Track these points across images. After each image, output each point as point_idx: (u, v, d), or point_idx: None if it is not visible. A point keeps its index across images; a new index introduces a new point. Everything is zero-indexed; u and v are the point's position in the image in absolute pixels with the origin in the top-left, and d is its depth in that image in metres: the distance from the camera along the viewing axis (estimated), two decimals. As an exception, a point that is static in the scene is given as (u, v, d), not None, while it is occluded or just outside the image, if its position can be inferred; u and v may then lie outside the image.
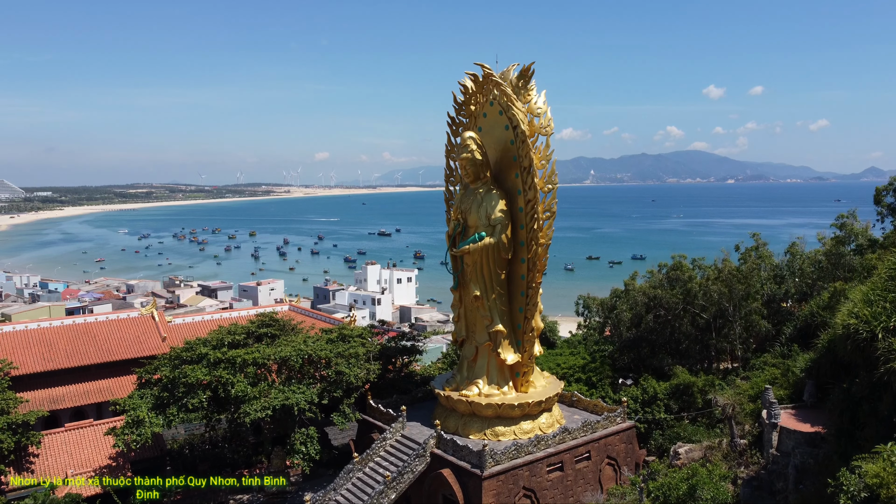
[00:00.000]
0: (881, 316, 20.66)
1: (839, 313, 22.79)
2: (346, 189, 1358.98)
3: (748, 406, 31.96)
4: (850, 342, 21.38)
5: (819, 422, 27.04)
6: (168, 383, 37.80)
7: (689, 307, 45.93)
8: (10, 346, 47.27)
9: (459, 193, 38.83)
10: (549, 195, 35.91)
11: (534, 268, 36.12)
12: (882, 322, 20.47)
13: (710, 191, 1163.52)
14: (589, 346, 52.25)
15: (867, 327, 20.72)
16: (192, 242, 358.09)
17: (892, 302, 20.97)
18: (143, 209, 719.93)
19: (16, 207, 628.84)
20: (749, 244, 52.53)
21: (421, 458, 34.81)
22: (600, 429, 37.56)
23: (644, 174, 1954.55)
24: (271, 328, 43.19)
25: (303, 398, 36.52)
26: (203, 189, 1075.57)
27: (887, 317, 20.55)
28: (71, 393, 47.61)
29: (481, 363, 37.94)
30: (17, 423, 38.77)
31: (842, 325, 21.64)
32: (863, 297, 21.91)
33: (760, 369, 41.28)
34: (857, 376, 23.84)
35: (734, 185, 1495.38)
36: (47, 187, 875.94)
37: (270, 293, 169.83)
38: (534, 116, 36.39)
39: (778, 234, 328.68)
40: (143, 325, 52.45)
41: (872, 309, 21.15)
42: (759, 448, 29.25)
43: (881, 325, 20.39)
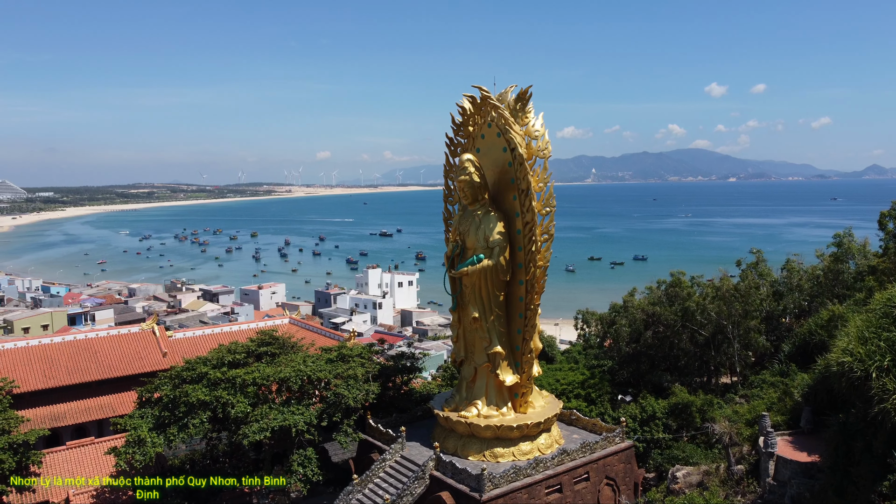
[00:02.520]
0: (875, 355, 20.78)
1: (834, 349, 22.88)
2: (347, 188, 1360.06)
3: (745, 431, 32.08)
4: (845, 379, 21.49)
5: (816, 450, 27.19)
6: (168, 403, 38.00)
7: (688, 324, 46.05)
8: (11, 363, 47.47)
9: (458, 214, 38.95)
10: (547, 218, 35.99)
11: (532, 290, 36.22)
12: (876, 361, 20.59)
13: (712, 189, 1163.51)
14: (588, 361, 52.38)
15: (861, 366, 20.84)
16: (194, 244, 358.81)
17: (887, 341, 21.06)
18: (145, 209, 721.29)
19: (18, 208, 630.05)
20: (752, 245, 52.59)
21: (420, 480, 34.96)
22: (599, 449, 37.65)
23: (646, 172, 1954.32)
24: (271, 347, 43.31)
25: (301, 420, 36.66)
26: (204, 189, 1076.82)
27: (881, 356, 20.66)
28: (72, 410, 47.83)
29: (480, 384, 38.06)
30: (18, 443, 38.95)
31: (836, 363, 21.72)
32: (858, 334, 21.98)
33: (759, 387, 41.45)
34: (853, 407, 23.98)
35: (736, 184, 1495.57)
36: (49, 187, 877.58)
37: (272, 297, 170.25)
38: (532, 139, 36.46)
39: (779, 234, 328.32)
40: (144, 341, 52.65)
41: (867, 347, 21.27)
42: (756, 476, 29.40)
43: (875, 365, 20.52)
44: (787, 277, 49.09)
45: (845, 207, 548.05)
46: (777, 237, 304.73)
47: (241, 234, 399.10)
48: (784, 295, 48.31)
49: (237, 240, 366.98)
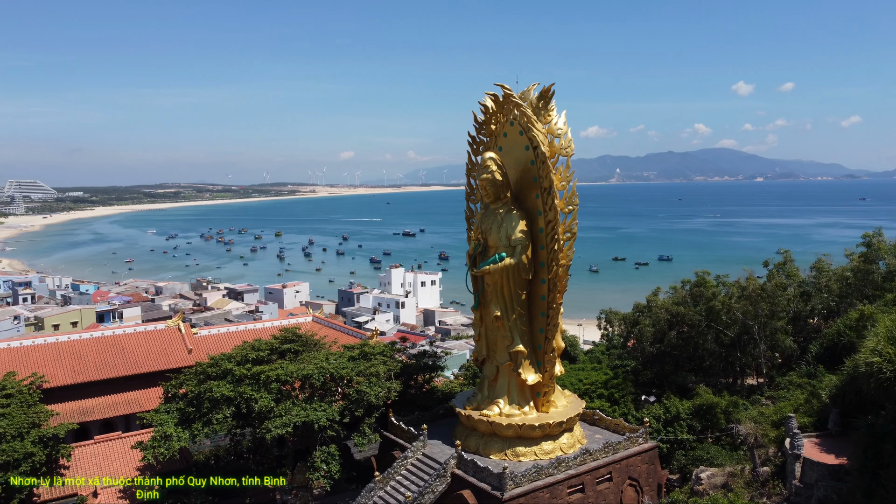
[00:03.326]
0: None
1: (863, 350, 22.46)
2: (370, 188, 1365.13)
3: (771, 432, 31.62)
4: (874, 380, 21.10)
5: (844, 452, 26.71)
6: (194, 398, 38.51)
7: (713, 324, 45.52)
8: (41, 358, 48.41)
9: (480, 213, 38.95)
10: (570, 216, 35.84)
11: (554, 288, 36.11)
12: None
13: (738, 189, 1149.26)
14: (611, 362, 52.04)
15: (891, 367, 20.44)
16: (219, 243, 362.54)
17: (917, 341, 20.64)
18: (171, 209, 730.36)
19: (48, 207, 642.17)
20: (779, 246, 51.83)
21: (441, 478, 35.00)
22: (622, 450, 37.41)
23: (670, 172, 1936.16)
24: (294, 344, 43.69)
25: (324, 416, 36.94)
26: (230, 189, 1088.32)
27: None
28: (100, 405, 48.61)
29: (502, 383, 38.02)
30: (48, 437, 39.75)
31: (864, 363, 21.32)
32: (887, 334, 21.56)
33: (786, 389, 40.84)
34: (882, 409, 23.54)
35: (763, 184, 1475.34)
36: (78, 187, 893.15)
37: (296, 295, 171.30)
38: (554, 137, 36.33)
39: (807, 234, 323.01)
40: (170, 338, 53.35)
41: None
42: (781, 478, 28.97)
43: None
44: (815, 278, 48.28)
45: (874, 207, 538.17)
46: (804, 237, 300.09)
47: (265, 233, 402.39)
48: (812, 295, 47.53)
49: (262, 239, 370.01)
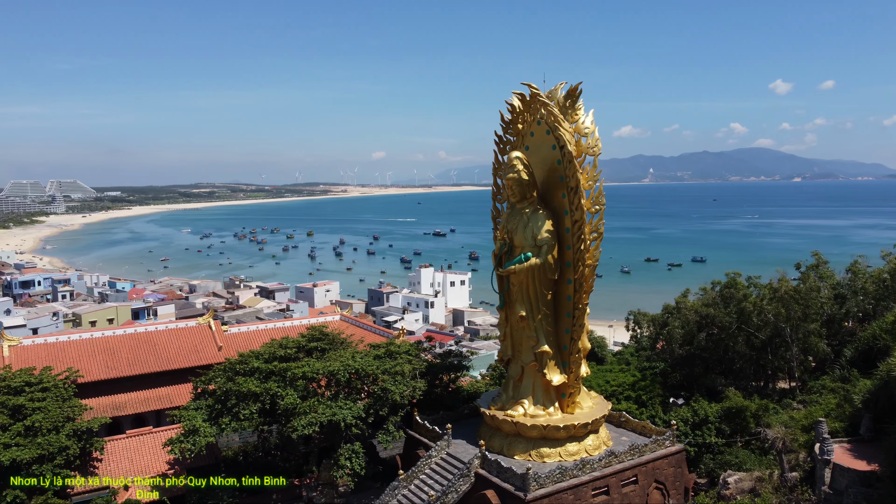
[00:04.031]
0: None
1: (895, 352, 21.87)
2: (401, 188, 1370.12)
3: (801, 437, 30.96)
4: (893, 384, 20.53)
5: (876, 459, 26.05)
6: (221, 394, 39.07)
7: (744, 326, 44.70)
8: (76, 353, 49.54)
9: (506, 212, 38.83)
10: (597, 216, 35.51)
11: (580, 289, 35.82)
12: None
13: (775, 189, 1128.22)
14: (640, 363, 51.46)
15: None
16: (252, 242, 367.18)
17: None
18: (206, 208, 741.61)
19: (87, 207, 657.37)
20: (816, 248, 50.68)
21: (465, 478, 34.97)
22: (648, 452, 36.97)
23: (705, 172, 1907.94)
24: (321, 342, 44.07)
25: (349, 414, 37.17)
26: (263, 188, 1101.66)
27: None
28: (132, 400, 49.57)
29: (527, 383, 37.85)
30: (82, 430, 40.69)
31: (885, 367, 20.76)
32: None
33: (818, 393, 39.98)
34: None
35: (801, 184, 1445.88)
36: (116, 187, 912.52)
37: (326, 294, 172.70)
38: (581, 136, 36.07)
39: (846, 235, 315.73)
40: (201, 335, 54.18)
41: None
42: (811, 484, 28.36)
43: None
44: (850, 280, 47.11)
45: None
46: (843, 239, 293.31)
47: (297, 232, 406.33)
48: (847, 298, 46.39)
49: (293, 238, 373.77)
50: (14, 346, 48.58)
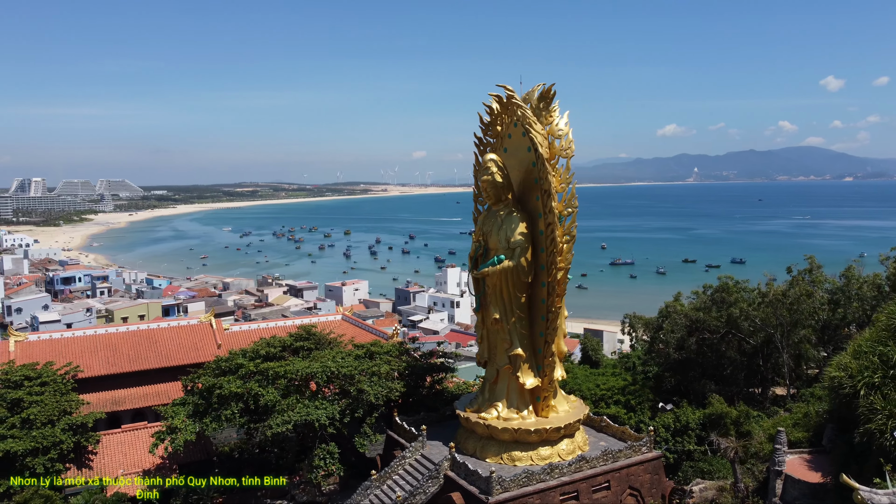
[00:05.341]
0: (866, 371, 19.18)
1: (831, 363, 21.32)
2: (441, 188, 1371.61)
3: (767, 446, 30.25)
4: (835, 396, 20.01)
5: (831, 471, 25.31)
6: (205, 392, 39.89)
7: (734, 332, 43.75)
8: (78, 349, 51.16)
9: (482, 214, 38.79)
10: (569, 219, 35.23)
11: (553, 292, 35.57)
12: (866, 378, 19.04)
13: (825, 189, 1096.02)
14: (635, 369, 50.76)
15: (850, 382, 19.33)
16: (290, 241, 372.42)
17: (881, 356, 19.39)
18: (248, 207, 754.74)
19: (134, 205, 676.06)
20: (862, 249, 49.10)
21: (434, 479, 35.07)
22: (622, 458, 36.48)
23: (752, 171, 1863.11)
24: (307, 342, 44.64)
25: (324, 414, 37.57)
26: (304, 188, 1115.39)
27: (872, 372, 19.07)
28: (132, 395, 50.99)
29: (501, 386, 37.75)
30: (78, 424, 42.03)
31: (828, 378, 20.25)
32: (854, 348, 20.39)
33: (807, 401, 38.93)
34: (865, 426, 22.25)
35: (852, 183, 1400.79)
36: (162, 186, 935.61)
37: (355, 293, 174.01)
38: (554, 139, 35.82)
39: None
40: (201, 333, 55.41)
41: (860, 362, 19.68)
42: (763, 494, 27.70)
43: (864, 381, 18.96)
44: (844, 285, 45.65)
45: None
46: (893, 240, 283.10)
47: (335, 231, 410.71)
48: (841, 303, 44.97)
49: (331, 237, 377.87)
50: (20, 341, 50.42)
